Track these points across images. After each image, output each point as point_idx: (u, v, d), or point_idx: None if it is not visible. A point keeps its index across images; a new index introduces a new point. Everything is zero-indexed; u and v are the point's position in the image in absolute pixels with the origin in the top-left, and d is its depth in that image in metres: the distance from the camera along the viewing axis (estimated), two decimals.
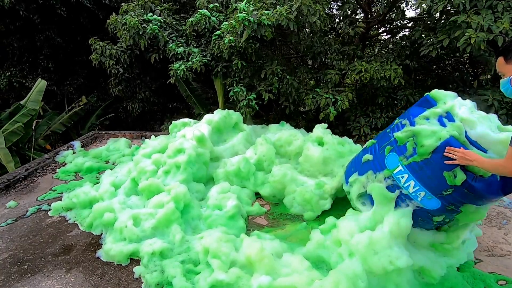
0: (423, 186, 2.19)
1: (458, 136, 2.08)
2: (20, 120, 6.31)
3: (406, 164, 2.24)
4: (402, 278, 2.17)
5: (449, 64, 6.98)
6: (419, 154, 2.15)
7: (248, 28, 4.23)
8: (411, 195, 2.26)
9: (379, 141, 2.59)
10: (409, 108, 2.53)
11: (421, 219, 2.36)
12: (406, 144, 2.26)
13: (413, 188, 2.23)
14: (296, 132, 3.95)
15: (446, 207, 2.18)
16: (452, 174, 2.05)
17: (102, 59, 5.98)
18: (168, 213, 2.81)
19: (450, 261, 2.36)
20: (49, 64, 8.18)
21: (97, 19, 8.08)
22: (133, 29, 5.14)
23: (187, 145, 3.56)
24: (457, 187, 2.06)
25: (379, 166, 2.45)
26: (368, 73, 4.66)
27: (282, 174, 3.39)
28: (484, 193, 2.02)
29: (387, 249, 2.15)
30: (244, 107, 4.70)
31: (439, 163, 2.08)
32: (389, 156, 2.38)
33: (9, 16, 7.23)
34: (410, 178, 2.23)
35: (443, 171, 2.07)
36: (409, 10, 10.09)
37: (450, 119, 2.20)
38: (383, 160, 2.42)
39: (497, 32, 4.03)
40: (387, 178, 2.38)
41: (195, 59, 4.96)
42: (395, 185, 2.33)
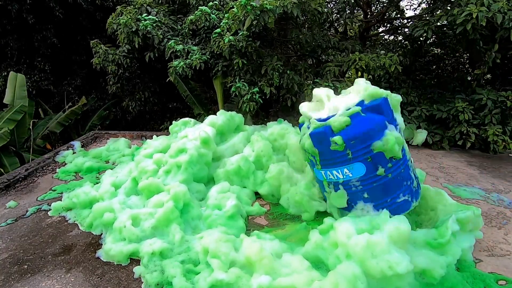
0: (340, 166, 2.57)
1: (316, 124, 2.61)
2: (13, 118, 6.23)
3: (321, 168, 2.69)
4: (403, 281, 2.15)
5: (449, 64, 6.99)
6: (312, 154, 2.67)
7: (251, 13, 4.15)
8: (346, 179, 2.60)
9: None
10: None
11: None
12: (309, 159, 2.79)
13: (340, 173, 2.61)
14: (288, 125, 3.96)
15: (367, 160, 2.51)
16: (334, 146, 2.50)
17: (105, 64, 5.99)
18: (167, 212, 2.81)
19: (447, 259, 2.35)
20: (45, 65, 8.16)
21: (95, 19, 8.08)
22: (127, 27, 5.15)
23: (189, 145, 3.56)
24: (346, 146, 2.47)
25: (321, 184, 2.88)
26: (363, 61, 4.64)
27: (278, 171, 3.40)
28: (364, 128, 2.48)
29: (386, 254, 2.13)
30: (247, 101, 4.69)
31: (323, 148, 2.58)
32: (316, 174, 2.87)
33: (5, 16, 7.21)
34: (331, 171, 2.63)
35: (330, 149, 2.54)
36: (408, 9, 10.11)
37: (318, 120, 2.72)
38: (317, 179, 2.90)
39: (495, 9, 3.98)
40: (329, 186, 2.77)
41: (195, 57, 4.96)
42: (334, 184, 2.72)
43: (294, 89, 4.87)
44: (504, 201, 3.55)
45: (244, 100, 4.72)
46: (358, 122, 2.47)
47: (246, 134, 4.16)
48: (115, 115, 9.06)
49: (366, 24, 6.45)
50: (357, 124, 2.46)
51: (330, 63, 5.11)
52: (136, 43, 5.24)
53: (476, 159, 4.82)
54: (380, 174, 2.54)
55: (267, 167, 3.66)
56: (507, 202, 3.53)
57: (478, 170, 4.42)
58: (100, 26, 7.86)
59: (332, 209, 2.94)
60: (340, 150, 2.48)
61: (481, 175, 4.25)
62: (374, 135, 2.46)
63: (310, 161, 2.82)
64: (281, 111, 6.15)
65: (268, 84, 4.80)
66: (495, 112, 4.83)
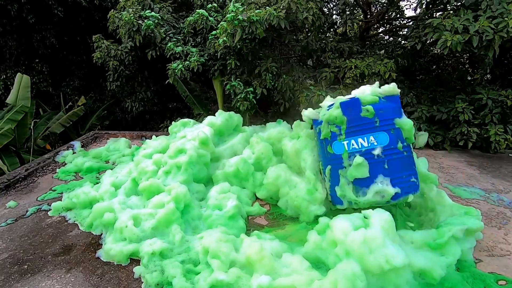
0: (366, 133, 2.75)
1: (343, 99, 2.88)
2: (13, 118, 6.25)
3: (344, 138, 2.81)
4: (401, 279, 2.16)
5: (449, 64, 6.99)
6: (340, 123, 2.81)
7: (239, 27, 4.25)
8: (370, 147, 2.75)
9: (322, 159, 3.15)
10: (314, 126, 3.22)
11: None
12: (331, 132, 2.89)
13: (365, 141, 2.76)
14: (285, 129, 3.95)
15: (390, 131, 2.74)
16: (365, 112, 2.74)
17: (107, 59, 5.97)
18: (168, 213, 2.81)
19: (448, 259, 2.35)
20: (43, 66, 8.15)
21: (94, 19, 8.07)
22: (128, 24, 5.14)
23: (188, 145, 3.56)
24: (375, 113, 2.72)
25: (338, 161, 2.91)
26: (358, 69, 4.67)
27: (275, 176, 3.37)
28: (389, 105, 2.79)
29: (382, 248, 2.15)
30: (241, 99, 4.70)
31: (352, 115, 2.77)
32: (334, 149, 2.92)
33: (5, 16, 7.21)
34: (356, 139, 2.78)
35: (359, 116, 2.75)
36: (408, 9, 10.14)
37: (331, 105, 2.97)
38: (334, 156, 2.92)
39: (472, 32, 4.07)
40: (349, 158, 2.81)
41: (193, 59, 4.96)
42: (355, 155, 2.78)
43: (287, 94, 4.89)
44: (504, 201, 3.55)
45: (238, 99, 4.74)
46: (380, 102, 2.80)
47: (245, 135, 4.16)
48: (115, 115, 9.06)
49: (366, 25, 6.45)
50: (381, 103, 2.80)
51: (327, 68, 5.10)
52: (137, 40, 5.24)
53: (476, 159, 4.82)
54: (399, 148, 2.77)
55: (266, 168, 3.65)
56: (507, 202, 3.53)
57: (478, 170, 4.42)
58: (99, 26, 7.85)
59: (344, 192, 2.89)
60: (369, 118, 2.72)
61: (481, 175, 4.26)
62: (397, 112, 2.80)
63: (330, 136, 2.90)
64: (279, 112, 6.15)
65: (262, 85, 4.81)
66: (495, 112, 4.84)
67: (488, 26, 4.02)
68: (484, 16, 4.12)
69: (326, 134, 2.93)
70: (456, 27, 4.14)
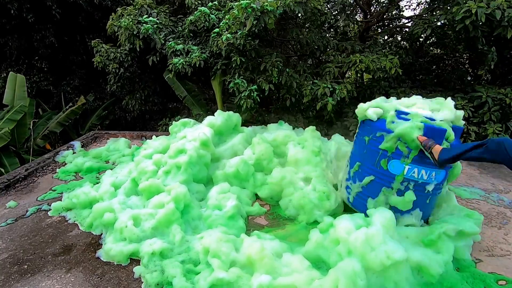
0: (432, 168, 2.57)
1: (425, 119, 2.55)
2: (13, 118, 6.24)
3: (410, 162, 2.59)
4: (401, 276, 2.18)
5: (449, 64, 7.00)
6: (415, 148, 2.54)
7: (251, 15, 4.15)
8: (427, 181, 2.61)
9: (362, 163, 2.92)
10: (361, 127, 2.98)
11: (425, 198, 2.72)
12: (397, 148, 2.62)
13: (426, 174, 2.59)
14: (291, 132, 3.95)
15: (448, 171, 2.68)
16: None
17: (106, 62, 5.98)
18: (168, 214, 2.81)
19: (444, 257, 2.37)
20: (44, 65, 8.15)
21: (93, 19, 8.08)
22: (128, 30, 5.14)
23: (189, 146, 3.56)
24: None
25: (387, 178, 2.72)
26: (363, 63, 4.65)
27: (281, 177, 3.39)
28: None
29: (383, 244, 2.20)
30: (245, 97, 4.68)
31: None
32: (390, 166, 2.69)
33: (5, 15, 7.21)
34: (420, 169, 2.58)
35: None
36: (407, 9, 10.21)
37: (402, 113, 2.68)
38: (385, 172, 2.72)
39: (494, 6, 3.99)
40: (402, 183, 2.66)
41: (194, 55, 4.96)
42: (408, 183, 2.65)
43: (293, 87, 4.86)
44: (504, 201, 3.55)
45: (242, 97, 4.71)
46: None
47: (245, 135, 4.16)
48: (114, 115, 9.06)
49: (366, 24, 6.45)
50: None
51: (330, 63, 5.10)
52: (137, 45, 5.24)
53: None
54: (444, 185, 2.77)
55: (267, 169, 3.66)
56: (507, 202, 3.53)
57: (478, 170, 4.43)
58: (99, 25, 7.86)
59: (376, 207, 2.75)
60: None
61: (481, 175, 4.26)
62: None
63: (392, 152, 2.65)
64: (281, 109, 6.14)
65: (267, 81, 4.79)
66: (494, 110, 4.83)
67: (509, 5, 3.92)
68: None
69: (389, 147, 2.65)
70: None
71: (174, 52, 5.21)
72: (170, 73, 5.16)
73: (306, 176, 3.37)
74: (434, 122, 2.55)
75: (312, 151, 3.44)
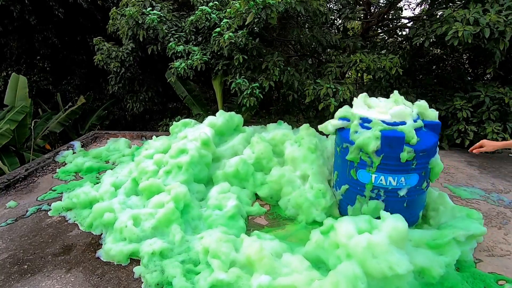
0: (399, 174, 2.60)
1: (383, 127, 2.58)
2: (14, 119, 6.24)
3: (375, 171, 2.64)
4: (403, 281, 2.15)
5: (448, 64, 7.00)
6: (372, 155, 2.59)
7: (253, 9, 4.15)
8: (397, 187, 2.64)
9: (339, 172, 3.02)
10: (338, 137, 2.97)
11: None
12: (361, 158, 2.68)
13: (394, 181, 2.62)
14: (289, 131, 3.96)
15: (421, 173, 2.64)
16: (404, 152, 2.50)
17: (108, 61, 5.97)
18: (168, 213, 2.81)
19: (446, 259, 2.35)
20: (45, 64, 8.15)
21: (95, 19, 8.08)
22: (132, 19, 5.12)
23: (190, 146, 3.56)
24: (415, 156, 2.52)
25: (358, 187, 2.81)
26: (364, 63, 4.66)
27: (280, 175, 3.40)
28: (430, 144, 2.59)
29: (387, 254, 2.11)
30: (248, 95, 4.68)
31: (391, 153, 2.53)
32: (358, 176, 2.76)
33: (7, 17, 7.22)
34: (386, 176, 2.63)
35: (398, 155, 2.51)
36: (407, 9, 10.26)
37: (366, 121, 2.71)
38: (356, 181, 2.80)
39: (484, 24, 4.04)
40: (372, 191, 2.73)
41: (196, 57, 4.95)
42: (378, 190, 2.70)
43: (295, 85, 4.86)
44: (504, 201, 3.55)
45: (244, 95, 4.71)
46: (422, 136, 2.60)
47: (245, 135, 4.16)
48: (114, 115, 9.06)
49: (366, 25, 6.45)
50: (423, 138, 2.59)
51: (332, 63, 5.10)
52: (141, 36, 5.22)
53: (476, 159, 4.82)
54: (423, 188, 2.73)
55: (267, 169, 3.66)
56: (507, 202, 3.53)
57: (478, 170, 4.43)
58: (100, 26, 7.86)
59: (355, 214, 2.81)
60: (409, 160, 2.52)
61: (481, 175, 4.26)
62: (434, 152, 2.67)
63: (357, 162, 2.70)
64: (282, 110, 6.15)
65: (268, 79, 4.79)
66: (493, 109, 4.82)
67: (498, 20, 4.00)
68: (493, 10, 4.11)
69: (354, 158, 2.71)
70: (468, 18, 4.10)
71: (175, 53, 5.20)
72: (172, 76, 5.15)
73: (304, 174, 3.38)
74: (396, 127, 2.58)
75: (308, 148, 3.44)
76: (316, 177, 3.23)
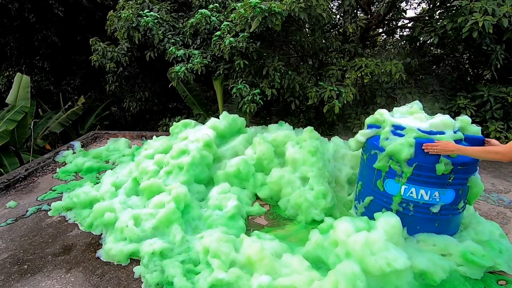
0: (432, 187, 2.36)
1: (418, 134, 2.38)
2: (13, 118, 6.24)
3: (405, 182, 2.42)
4: (402, 280, 2.16)
5: (449, 64, 7.00)
6: (403, 164, 2.39)
7: (259, 15, 4.14)
8: (430, 202, 2.40)
9: (363, 182, 2.81)
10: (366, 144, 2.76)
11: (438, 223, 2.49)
12: (390, 167, 2.47)
13: (427, 194, 2.38)
14: (291, 132, 3.96)
15: (459, 191, 2.40)
16: (441, 164, 2.28)
17: (103, 61, 5.96)
18: (169, 213, 2.81)
19: (451, 263, 2.35)
20: (45, 64, 8.14)
21: (94, 19, 8.08)
22: (128, 21, 5.12)
23: (191, 146, 3.56)
24: (453, 169, 2.31)
25: (385, 199, 2.58)
26: (369, 68, 4.66)
27: (279, 176, 3.40)
28: (471, 158, 2.34)
29: (384, 251, 2.15)
30: (248, 102, 4.68)
31: (426, 162, 2.32)
32: (386, 186, 2.54)
33: (6, 15, 7.21)
34: (418, 189, 2.39)
35: (433, 166, 2.30)
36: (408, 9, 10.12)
37: (399, 128, 2.52)
38: (383, 192, 2.58)
39: (500, 14, 4.02)
40: (400, 204, 2.50)
41: (196, 61, 4.95)
42: (406, 204, 2.47)
43: (296, 89, 4.87)
44: (504, 201, 3.55)
45: (245, 102, 4.72)
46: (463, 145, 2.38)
47: (246, 136, 4.16)
48: (114, 115, 9.06)
49: (366, 25, 6.45)
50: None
51: (333, 66, 5.10)
52: (136, 38, 5.21)
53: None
54: (459, 208, 2.48)
55: (268, 169, 3.66)
56: (507, 202, 3.53)
57: (478, 170, 4.42)
58: (99, 25, 7.86)
59: None
60: (446, 173, 2.30)
61: (481, 175, 4.24)
62: (475, 169, 2.45)
63: (386, 171, 2.48)
64: (283, 111, 6.14)
65: (270, 85, 4.80)
66: (496, 108, 4.84)
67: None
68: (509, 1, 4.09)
69: (382, 166, 2.50)
70: (486, 9, 4.06)
71: (175, 58, 5.20)
72: (173, 81, 5.15)
73: (303, 176, 3.38)
74: (433, 136, 2.37)
75: (309, 151, 3.44)
76: (316, 179, 3.23)
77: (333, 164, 3.62)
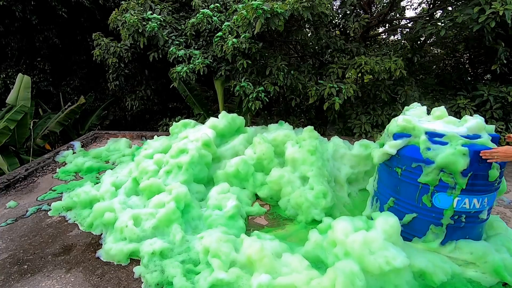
0: (483, 195, 2.29)
1: (464, 141, 2.24)
2: (13, 118, 6.24)
3: (459, 194, 2.28)
4: (401, 279, 2.16)
5: (449, 64, 7.00)
6: (457, 176, 2.24)
7: (261, 17, 4.13)
8: (479, 209, 2.33)
9: (397, 199, 2.57)
10: (400, 156, 2.50)
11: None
12: (441, 180, 2.29)
13: (478, 203, 2.31)
14: (291, 132, 3.96)
15: (498, 191, 2.42)
16: (493, 170, 2.21)
17: (105, 56, 5.95)
18: (169, 213, 2.81)
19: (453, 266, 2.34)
20: (45, 65, 8.14)
21: (96, 19, 8.08)
22: (133, 27, 5.12)
23: (191, 146, 3.56)
24: (501, 173, 2.28)
25: (433, 214, 2.41)
26: (368, 65, 4.66)
27: (279, 176, 3.40)
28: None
29: (383, 250, 2.16)
30: (253, 99, 4.67)
31: (480, 170, 2.22)
32: (435, 201, 2.36)
33: (8, 17, 7.22)
34: (471, 198, 2.29)
35: (487, 173, 2.22)
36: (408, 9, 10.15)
37: (436, 135, 2.34)
38: (431, 208, 2.40)
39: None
40: (452, 217, 2.36)
41: (197, 61, 4.95)
42: (458, 216, 2.35)
43: (298, 88, 4.87)
44: (504, 201, 3.55)
45: (249, 99, 4.71)
46: None
47: (246, 136, 4.16)
48: (114, 115, 9.06)
49: (366, 25, 6.45)
50: None
51: (334, 64, 5.11)
52: (141, 43, 5.22)
53: None
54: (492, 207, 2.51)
55: (268, 169, 3.66)
56: (507, 202, 3.53)
57: None
58: (100, 25, 7.86)
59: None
60: (496, 177, 2.24)
61: None
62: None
63: (435, 184, 2.30)
64: (284, 111, 6.14)
65: (273, 83, 4.80)
66: (496, 108, 4.85)
67: None
68: None
69: (431, 181, 2.30)
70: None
71: (176, 58, 5.19)
72: (174, 81, 5.15)
73: (303, 175, 3.38)
74: (476, 141, 2.25)
75: (308, 150, 3.44)
76: (316, 179, 3.23)
77: (332, 164, 3.62)
